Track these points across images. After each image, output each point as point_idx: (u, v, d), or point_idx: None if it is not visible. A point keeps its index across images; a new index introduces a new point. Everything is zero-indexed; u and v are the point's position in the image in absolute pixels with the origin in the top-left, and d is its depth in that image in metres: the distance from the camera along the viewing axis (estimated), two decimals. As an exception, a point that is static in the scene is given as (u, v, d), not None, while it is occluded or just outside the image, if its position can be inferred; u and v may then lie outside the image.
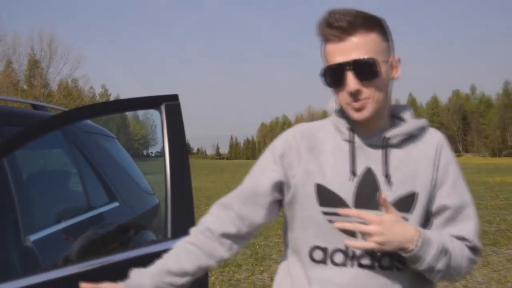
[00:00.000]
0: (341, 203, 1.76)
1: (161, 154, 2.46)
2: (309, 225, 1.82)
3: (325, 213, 1.78)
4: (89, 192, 3.74)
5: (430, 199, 1.81)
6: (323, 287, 1.79)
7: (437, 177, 1.83)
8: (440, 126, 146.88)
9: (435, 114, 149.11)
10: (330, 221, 1.77)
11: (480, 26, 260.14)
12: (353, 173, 1.79)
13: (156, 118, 2.55)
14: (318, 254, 1.81)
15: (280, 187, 1.88)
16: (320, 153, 1.85)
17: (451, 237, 1.79)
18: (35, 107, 3.63)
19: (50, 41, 62.29)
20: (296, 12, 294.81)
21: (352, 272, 1.76)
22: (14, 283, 2.19)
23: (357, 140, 1.83)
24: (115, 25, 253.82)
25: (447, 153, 1.89)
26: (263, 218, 1.91)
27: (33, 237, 2.80)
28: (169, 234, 2.39)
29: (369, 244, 1.66)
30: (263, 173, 1.90)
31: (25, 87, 60.79)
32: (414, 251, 1.66)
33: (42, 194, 3.31)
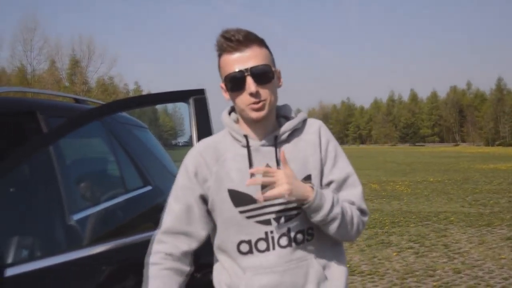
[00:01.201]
0: (252, 200, 1.86)
1: (188, 143, 2.46)
2: (230, 225, 1.91)
3: (241, 212, 1.88)
4: (125, 177, 3.75)
5: (321, 177, 1.95)
6: (255, 272, 1.88)
7: (322, 156, 1.95)
8: (439, 119, 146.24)
9: (434, 108, 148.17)
10: (248, 218, 1.88)
11: (476, 26, 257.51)
12: (252, 173, 1.86)
13: (184, 111, 2.56)
14: (245, 247, 1.90)
15: (203, 199, 1.96)
16: (224, 161, 1.94)
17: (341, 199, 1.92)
18: (77, 101, 3.65)
19: (89, 43, 62.66)
20: (307, 13, 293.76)
21: (276, 253, 1.87)
22: (59, 257, 2.20)
23: (252, 143, 1.93)
24: (146, 27, 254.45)
25: (326, 135, 2.00)
26: (205, 229, 1.99)
27: (76, 217, 2.82)
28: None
29: (281, 190, 1.74)
30: (186, 192, 1.96)
31: (67, 84, 61.16)
32: (314, 200, 1.78)
33: (83, 179, 3.33)
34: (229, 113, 2.05)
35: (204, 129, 2.46)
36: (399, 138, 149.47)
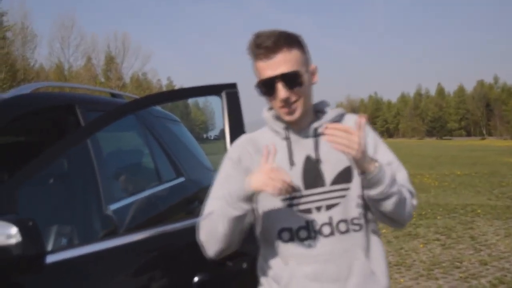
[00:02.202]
0: (294, 188, 1.83)
1: (219, 137, 2.47)
2: (272, 213, 1.91)
3: (284, 200, 1.89)
4: (159, 169, 3.78)
5: None
6: (298, 261, 1.88)
7: None
8: (466, 113, 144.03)
9: (461, 102, 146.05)
10: (289, 206, 1.89)
11: (503, 20, 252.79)
12: (292, 163, 1.90)
13: (215, 105, 2.57)
14: (286, 235, 1.89)
15: None
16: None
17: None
18: (113, 95, 3.69)
19: (123, 40, 63.17)
20: (334, 10, 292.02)
21: (318, 242, 1.87)
22: (96, 245, 2.23)
23: (292, 136, 1.95)
24: (179, 24, 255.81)
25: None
26: (249, 218, 1.89)
27: (113, 207, 2.85)
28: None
29: (355, 146, 1.70)
30: (231, 180, 1.93)
31: (102, 80, 61.77)
32: (375, 172, 1.76)
33: (119, 170, 3.37)
34: (269, 109, 2.06)
35: (236, 122, 2.47)
36: (426, 132, 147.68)
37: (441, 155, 37.76)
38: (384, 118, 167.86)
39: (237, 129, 2.44)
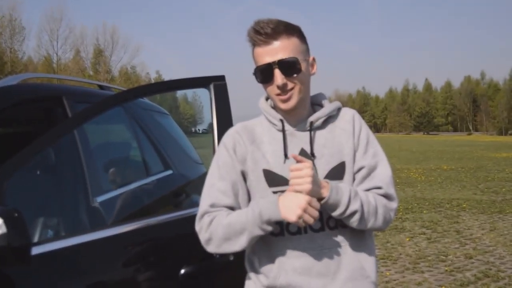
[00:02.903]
0: (286, 181, 1.84)
1: (207, 131, 2.46)
2: None
3: (275, 192, 1.87)
4: (147, 161, 3.77)
5: (354, 163, 1.93)
6: (287, 255, 1.88)
7: (355, 143, 1.94)
8: (453, 108, 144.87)
9: (448, 97, 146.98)
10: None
11: (490, 17, 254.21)
12: (286, 156, 1.89)
13: (203, 99, 2.56)
14: (276, 228, 1.86)
15: (243, 175, 1.95)
16: (260, 143, 1.95)
17: (363, 191, 1.89)
18: (101, 87, 3.66)
19: (112, 33, 62.87)
20: (326, 5, 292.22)
21: (308, 237, 1.86)
22: (83, 237, 2.22)
23: (288, 128, 1.94)
24: (168, 17, 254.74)
25: (359, 122, 1.99)
26: (246, 204, 1.94)
27: (100, 199, 2.83)
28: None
29: (302, 188, 1.71)
30: (228, 170, 1.93)
31: (91, 73, 61.46)
32: (330, 197, 1.76)
33: (107, 162, 3.35)
34: (266, 100, 2.05)
35: (224, 114, 2.46)
36: (413, 127, 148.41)
37: (427, 150, 37.96)
38: (372, 113, 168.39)
39: (225, 121, 2.43)
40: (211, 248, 1.88)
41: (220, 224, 1.84)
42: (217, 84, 2.48)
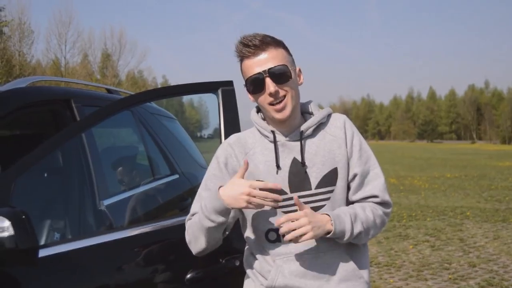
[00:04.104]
0: (280, 191, 1.86)
1: (213, 136, 2.46)
2: (259, 214, 1.95)
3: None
4: (153, 165, 3.76)
5: (348, 170, 1.96)
6: (285, 259, 1.92)
7: (348, 150, 1.97)
8: (457, 117, 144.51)
9: (452, 106, 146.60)
10: (276, 208, 1.89)
11: (494, 26, 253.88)
12: (278, 166, 1.92)
13: (209, 104, 2.55)
14: (272, 235, 1.94)
15: None
16: (253, 155, 1.98)
17: (360, 204, 1.95)
18: (109, 91, 3.66)
19: (120, 37, 62.81)
20: (329, 11, 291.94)
21: (304, 242, 1.85)
22: (90, 240, 2.21)
23: (280, 139, 1.96)
24: (175, 22, 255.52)
25: (350, 129, 2.01)
26: (233, 217, 1.98)
27: (107, 202, 2.83)
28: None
29: (306, 237, 1.76)
30: (215, 181, 1.98)
31: (98, 77, 61.51)
32: (335, 229, 1.81)
33: (114, 166, 3.34)
34: (257, 112, 2.08)
35: (232, 120, 2.45)
36: (417, 135, 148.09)
37: (431, 157, 37.88)
38: (376, 121, 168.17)
39: (233, 126, 2.43)
40: (192, 250, 2.00)
41: (189, 227, 1.98)
42: (225, 89, 2.47)
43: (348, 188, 1.98)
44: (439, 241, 8.32)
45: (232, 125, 2.43)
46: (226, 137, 2.40)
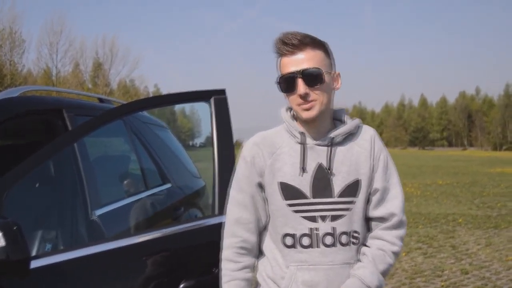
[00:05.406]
0: (301, 195, 1.89)
1: (205, 144, 2.46)
2: (278, 216, 1.94)
3: (289, 205, 1.90)
4: (145, 174, 3.75)
5: (370, 183, 1.97)
6: (298, 267, 1.91)
7: (373, 164, 1.97)
8: (448, 123, 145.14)
9: (443, 113, 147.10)
10: (295, 212, 1.90)
11: (485, 33, 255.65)
12: (303, 169, 1.90)
13: (201, 113, 2.55)
14: (289, 240, 1.92)
15: (261, 187, 1.98)
16: (279, 155, 1.96)
17: (377, 250, 1.98)
18: (101, 100, 3.65)
19: (111, 46, 62.64)
20: (323, 18, 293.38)
21: (320, 251, 1.88)
22: (82, 250, 2.20)
23: (308, 141, 1.94)
24: (167, 31, 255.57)
25: (379, 144, 2.03)
26: (267, 217, 2.01)
27: (99, 212, 2.81)
28: (216, 211, 2.39)
29: None
30: (247, 182, 1.99)
31: (90, 86, 61.29)
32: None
33: (106, 176, 3.33)
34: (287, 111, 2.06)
35: (225, 128, 2.45)
36: (409, 142, 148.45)
37: (423, 165, 37.98)
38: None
39: (225, 134, 2.43)
40: None
41: (222, 269, 2.01)
42: (217, 98, 2.47)
43: (367, 201, 1.99)
44: (431, 248, 8.32)
45: (225, 133, 2.43)
46: (218, 146, 2.40)
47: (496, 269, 6.89)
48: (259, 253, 2.07)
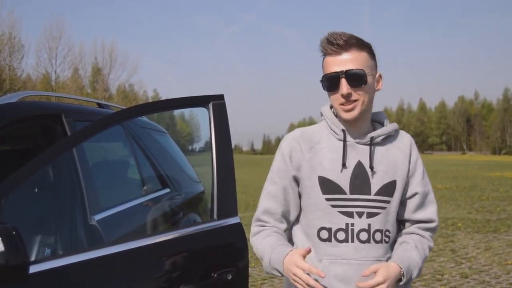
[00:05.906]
0: (339, 190, 1.95)
1: (204, 149, 2.46)
2: (315, 210, 1.99)
3: (328, 199, 1.96)
4: (144, 179, 3.75)
5: (405, 186, 2.04)
6: (331, 261, 1.94)
7: (410, 169, 2.05)
8: (447, 128, 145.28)
9: (442, 117, 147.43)
10: (332, 206, 1.95)
11: (484, 37, 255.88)
12: (344, 165, 1.96)
13: (200, 118, 2.55)
14: (324, 234, 1.97)
15: (296, 181, 2.03)
16: (318, 150, 2.01)
17: (415, 242, 2.05)
18: (100, 105, 3.65)
19: (111, 51, 62.66)
20: (321, 23, 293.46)
21: (354, 246, 1.94)
22: (81, 255, 2.19)
23: (349, 139, 2.00)
24: (166, 37, 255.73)
25: (416, 150, 2.11)
26: (297, 211, 2.07)
27: (98, 217, 2.81)
28: (215, 216, 2.38)
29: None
30: (281, 175, 2.05)
31: (89, 91, 61.30)
32: (405, 279, 1.92)
33: (105, 180, 3.33)
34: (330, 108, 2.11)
35: (223, 134, 2.45)
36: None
37: (422, 169, 37.90)
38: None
39: (224, 140, 2.43)
40: None
41: (255, 243, 2.07)
42: (216, 103, 2.47)
43: (401, 203, 2.05)
44: (431, 252, 8.30)
45: (224, 138, 2.43)
46: (217, 151, 2.40)
47: (496, 273, 6.90)
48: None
